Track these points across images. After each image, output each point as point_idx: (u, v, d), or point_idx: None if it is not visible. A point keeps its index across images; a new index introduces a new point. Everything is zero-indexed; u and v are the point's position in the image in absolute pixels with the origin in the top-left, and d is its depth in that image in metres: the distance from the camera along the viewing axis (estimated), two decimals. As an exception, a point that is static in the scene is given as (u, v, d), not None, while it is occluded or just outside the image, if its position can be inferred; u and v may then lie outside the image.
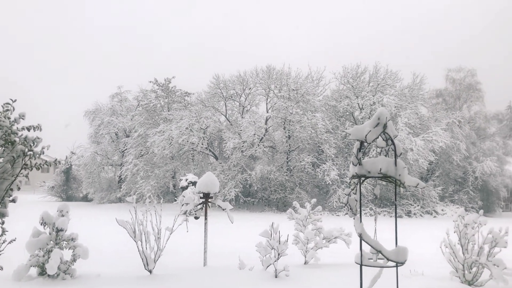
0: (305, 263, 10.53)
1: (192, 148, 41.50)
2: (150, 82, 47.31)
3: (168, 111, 45.55)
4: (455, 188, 42.40)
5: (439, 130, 38.15)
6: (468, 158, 42.11)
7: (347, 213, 4.11)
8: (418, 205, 38.73)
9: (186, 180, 31.81)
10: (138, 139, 44.55)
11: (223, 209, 9.87)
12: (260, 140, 40.16)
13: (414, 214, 38.01)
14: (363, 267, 4.37)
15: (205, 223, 9.88)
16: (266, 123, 41.06)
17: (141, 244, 8.46)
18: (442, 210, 39.13)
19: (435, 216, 38.08)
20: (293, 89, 40.22)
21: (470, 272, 8.57)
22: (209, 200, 9.88)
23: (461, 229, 8.73)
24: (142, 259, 8.50)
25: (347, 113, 42.42)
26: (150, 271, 8.54)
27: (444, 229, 9.49)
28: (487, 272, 8.74)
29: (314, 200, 11.34)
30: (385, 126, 3.99)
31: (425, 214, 38.30)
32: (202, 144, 40.50)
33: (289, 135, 40.15)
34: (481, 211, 9.35)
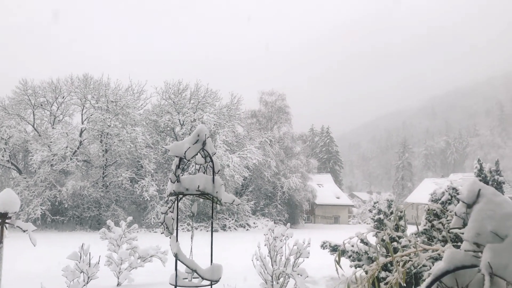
0: (118, 285, 9.95)
1: (-10, 161, 36.36)
2: None
3: (-40, 117, 39.21)
4: (265, 202, 45.65)
5: (253, 148, 40.79)
6: (277, 175, 45.85)
7: (163, 233, 3.92)
8: (232, 219, 40.55)
9: (-19, 197, 27.59)
10: None
11: (24, 231, 8.70)
12: (73, 154, 37.33)
13: (229, 227, 39.65)
14: (178, 287, 4.23)
15: (0, 247, 8.58)
16: (81, 135, 38.38)
17: None
18: (254, 223, 41.71)
19: (247, 229, 40.32)
20: (112, 101, 38.56)
21: (278, 283, 9.14)
22: (7, 221, 8.62)
23: (270, 242, 9.29)
24: None
25: (168, 128, 42.38)
26: None
27: (256, 242, 9.99)
28: (292, 282, 9.45)
29: (130, 218, 10.85)
30: (204, 143, 3.96)
31: (239, 227, 40.28)
32: (2, 156, 35.81)
33: (106, 148, 38.21)
34: (288, 225, 10.12)
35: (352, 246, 10.08)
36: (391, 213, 9.61)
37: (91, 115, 38.78)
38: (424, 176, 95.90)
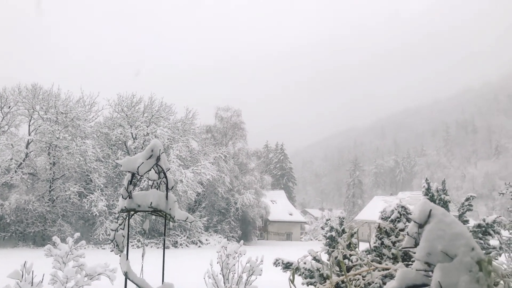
0: (62, 304, 9.48)
1: None
2: None
3: None
4: (218, 219, 45.28)
5: (207, 163, 40.51)
6: (231, 191, 45.69)
7: (113, 250, 3.79)
8: (184, 236, 39.91)
9: None
10: None
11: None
12: (19, 166, 35.75)
13: (181, 244, 38.97)
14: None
15: None
16: (27, 147, 36.85)
17: None
18: (207, 240, 41.20)
19: (199, 246, 39.77)
20: (62, 112, 37.35)
21: (230, 300, 9.02)
22: None
23: (223, 260, 9.18)
24: None
25: (120, 142, 41.44)
26: None
27: (208, 259, 9.85)
28: (244, 299, 9.34)
29: (77, 234, 10.43)
30: (158, 159, 3.88)
31: (191, 244, 39.66)
32: None
33: (54, 161, 36.83)
34: (242, 241, 10.06)
35: (305, 263, 10.13)
36: (343, 230, 9.76)
37: (39, 127, 37.36)
38: (374, 193, 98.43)
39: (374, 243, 8.89)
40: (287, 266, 10.72)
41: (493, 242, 7.75)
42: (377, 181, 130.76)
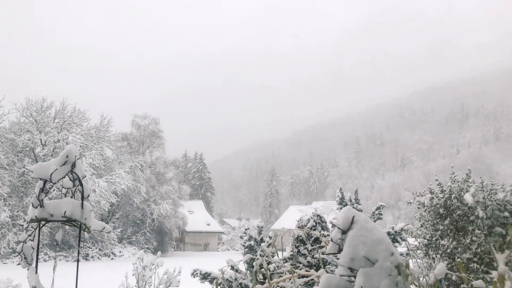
0: (-44, 326, 8.62)
1: None
2: None
3: None
4: (133, 230, 43.83)
5: (122, 172, 39.14)
6: (147, 201, 44.49)
7: (20, 264, 3.53)
8: (96, 248, 38.14)
9: None
10: None
11: None
12: None
13: (92, 257, 37.18)
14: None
15: None
16: None
17: None
18: (120, 252, 39.68)
19: (112, 258, 38.21)
20: (-40, 115, 34.26)
21: (145, 314, 8.73)
22: None
23: (139, 272, 8.89)
24: None
25: (28, 148, 38.73)
26: None
27: (122, 272, 9.48)
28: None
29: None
30: (73, 165, 3.67)
31: (103, 257, 37.97)
32: None
33: (-51, 168, 33.58)
34: (159, 253, 9.81)
35: (223, 273, 10.04)
36: (261, 239, 9.87)
37: None
38: (289, 203, 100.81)
39: (291, 251, 9.09)
40: (205, 276, 10.61)
41: (401, 249, 8.24)
42: (293, 191, 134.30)
